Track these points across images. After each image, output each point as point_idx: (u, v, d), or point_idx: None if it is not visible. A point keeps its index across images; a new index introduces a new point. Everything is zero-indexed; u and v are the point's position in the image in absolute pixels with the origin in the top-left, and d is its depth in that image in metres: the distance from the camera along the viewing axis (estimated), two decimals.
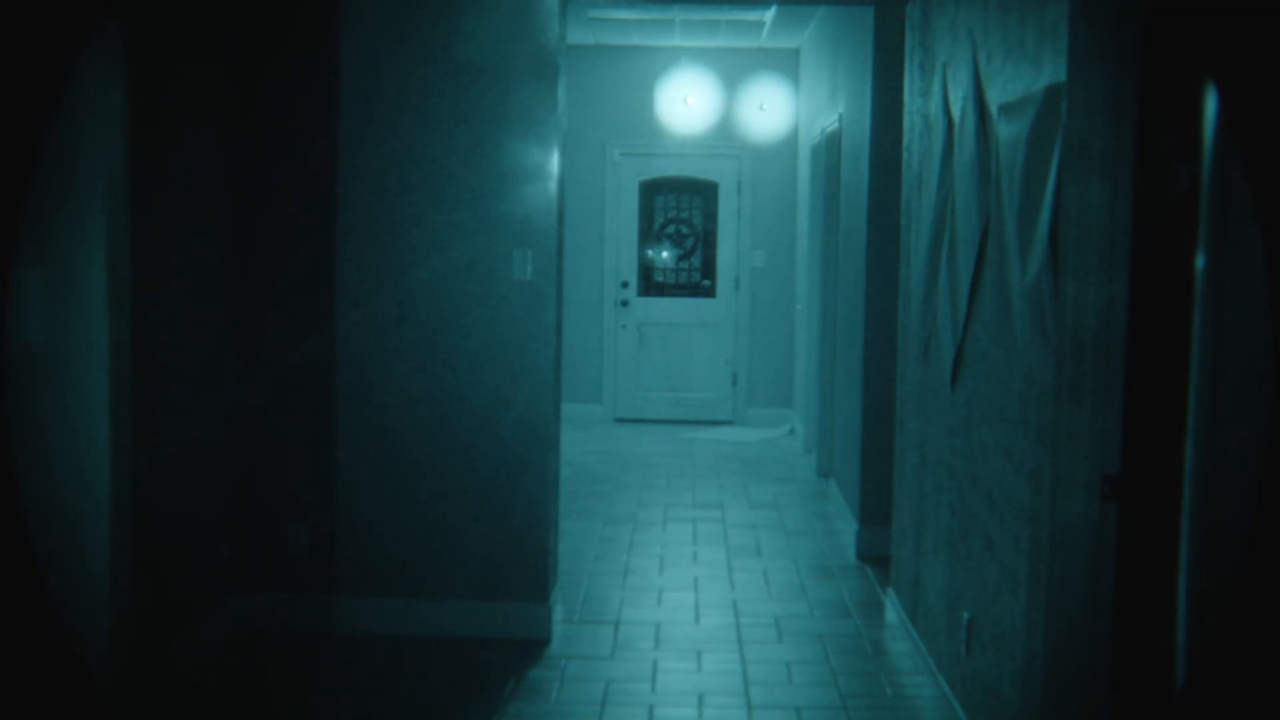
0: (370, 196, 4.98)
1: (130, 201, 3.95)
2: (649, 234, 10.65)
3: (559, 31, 4.98)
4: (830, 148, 7.94)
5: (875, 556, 6.19)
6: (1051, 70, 3.30)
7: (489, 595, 5.05)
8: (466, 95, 4.93)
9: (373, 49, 4.94)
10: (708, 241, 10.62)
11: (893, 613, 5.37)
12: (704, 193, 10.58)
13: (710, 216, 10.57)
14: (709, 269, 10.61)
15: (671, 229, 10.68)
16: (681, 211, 10.66)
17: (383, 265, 4.99)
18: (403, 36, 4.93)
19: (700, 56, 10.23)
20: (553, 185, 4.98)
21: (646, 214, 10.62)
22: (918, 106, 5.11)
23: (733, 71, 10.23)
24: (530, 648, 4.94)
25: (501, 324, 4.99)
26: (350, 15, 4.93)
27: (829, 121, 7.93)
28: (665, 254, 10.69)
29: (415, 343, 5.00)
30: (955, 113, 4.38)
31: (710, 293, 10.58)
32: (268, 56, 4.97)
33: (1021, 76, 3.58)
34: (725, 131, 10.31)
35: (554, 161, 4.98)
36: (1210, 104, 2.68)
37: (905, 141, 5.37)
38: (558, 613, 5.20)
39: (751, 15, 8.84)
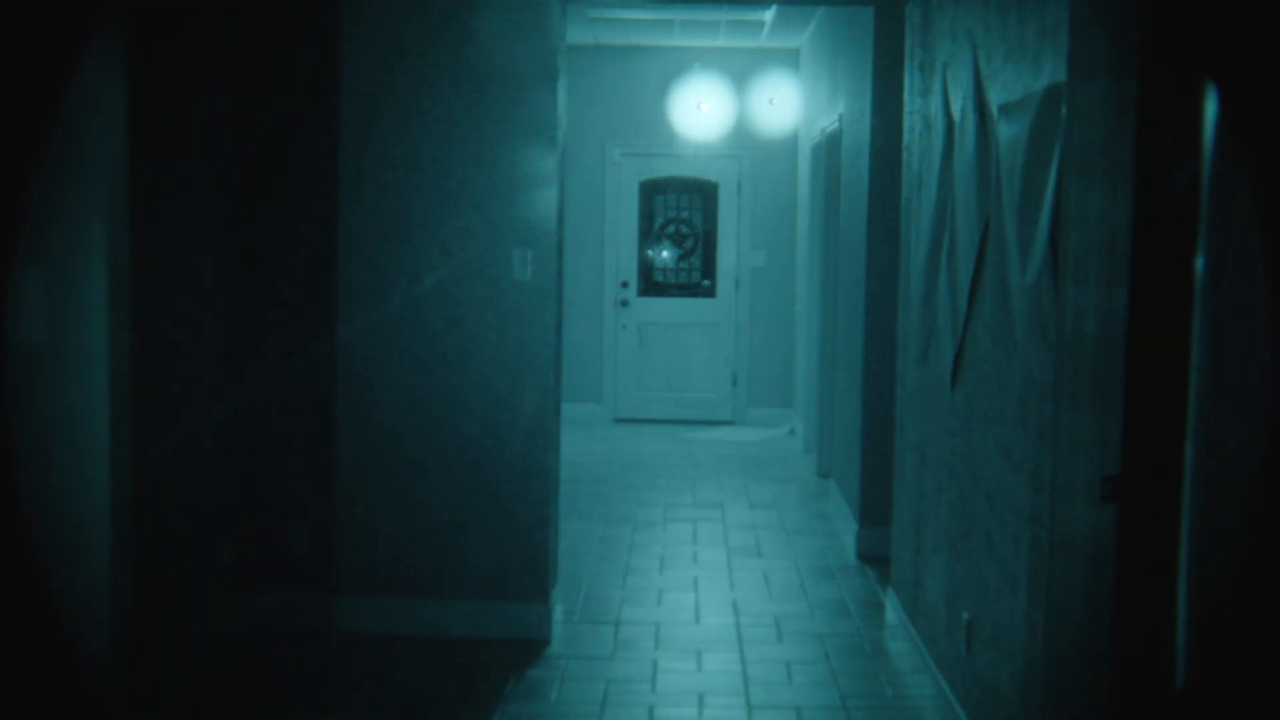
0: (372, 195, 4.98)
1: (130, 201, 3.95)
2: (649, 234, 10.65)
3: (559, 32, 4.98)
4: (830, 148, 7.94)
5: (875, 556, 6.19)
6: (1051, 70, 3.30)
7: (489, 595, 5.05)
8: (467, 97, 4.93)
9: (376, 52, 4.94)
10: (708, 241, 10.61)
11: (893, 613, 5.37)
12: (704, 193, 10.58)
13: (710, 216, 10.57)
14: (709, 269, 10.61)
15: (671, 229, 10.68)
16: (681, 211, 10.66)
17: (383, 264, 4.99)
18: (405, 39, 4.93)
19: (700, 56, 10.22)
20: (554, 184, 4.97)
21: (646, 214, 10.62)
22: (918, 107, 5.11)
23: (733, 71, 10.23)
24: (530, 648, 4.94)
25: (501, 324, 4.99)
26: (349, 11, 4.93)
27: (829, 121, 7.93)
28: (665, 254, 10.69)
29: (415, 342, 5.00)
30: (955, 113, 4.38)
31: (710, 293, 10.58)
32: (269, 59, 4.97)
33: (1021, 77, 3.58)
34: (725, 131, 10.31)
35: (554, 160, 4.98)
36: (1210, 104, 2.68)
37: (905, 141, 5.37)
38: (558, 613, 5.20)
39: (751, 15, 8.84)
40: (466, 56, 4.93)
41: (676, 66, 10.25)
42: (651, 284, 10.67)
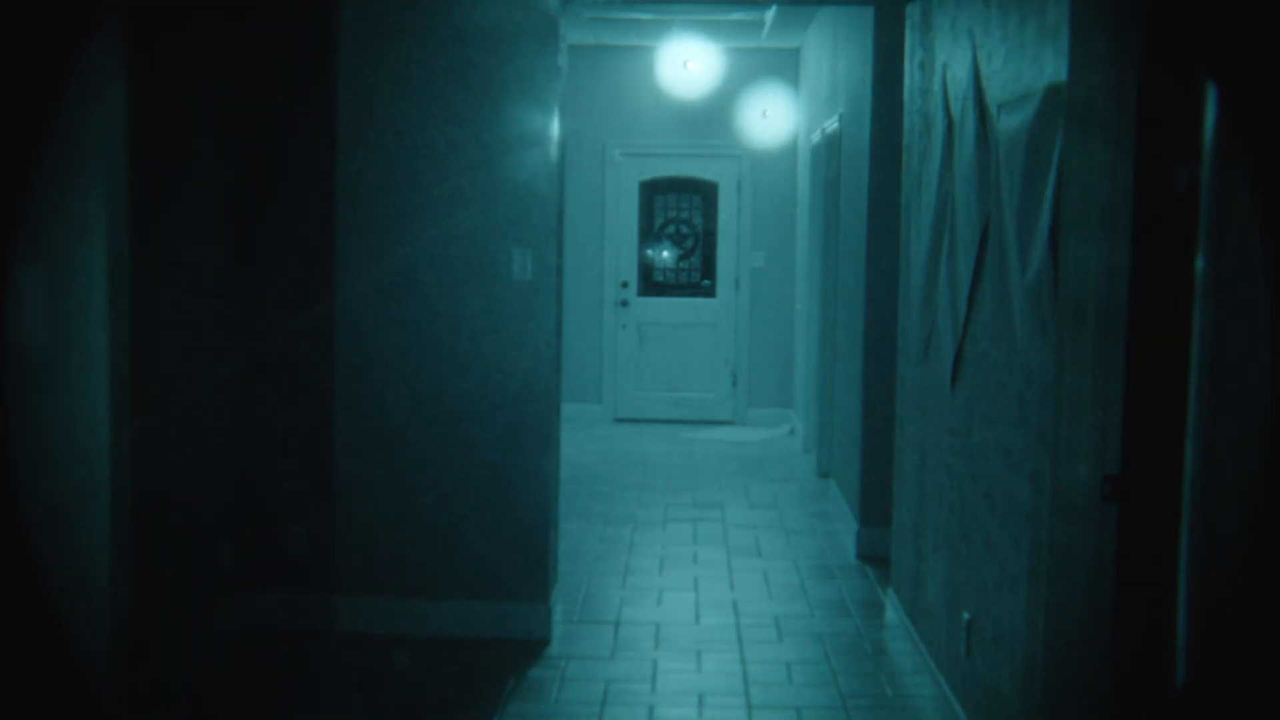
0: (371, 195, 4.98)
1: (130, 201, 3.95)
2: (649, 234, 10.65)
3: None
4: (830, 148, 7.94)
5: (875, 556, 6.19)
6: (1052, 70, 3.30)
7: (489, 595, 5.04)
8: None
9: (374, 43, 4.94)
10: (708, 241, 10.62)
11: (893, 613, 5.37)
12: (704, 193, 10.58)
13: (710, 216, 10.57)
14: (709, 269, 10.61)
15: (671, 229, 10.68)
16: (681, 211, 10.66)
17: (383, 262, 4.99)
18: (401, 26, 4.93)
19: (700, 56, 10.21)
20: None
21: (646, 214, 10.62)
22: (918, 106, 5.11)
23: (733, 71, 10.22)
24: (530, 648, 4.94)
25: (501, 324, 4.99)
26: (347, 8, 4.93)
27: (829, 121, 7.93)
28: (665, 254, 10.69)
29: (414, 343, 5.00)
30: (955, 112, 4.38)
31: (710, 293, 10.58)
32: (268, 56, 4.97)
33: (1021, 76, 3.58)
34: (725, 131, 10.30)
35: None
36: (1210, 104, 2.68)
37: (905, 141, 5.37)
38: (558, 613, 5.20)
39: (751, 15, 8.84)
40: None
41: (677, 67, 10.21)
42: (651, 284, 10.67)
